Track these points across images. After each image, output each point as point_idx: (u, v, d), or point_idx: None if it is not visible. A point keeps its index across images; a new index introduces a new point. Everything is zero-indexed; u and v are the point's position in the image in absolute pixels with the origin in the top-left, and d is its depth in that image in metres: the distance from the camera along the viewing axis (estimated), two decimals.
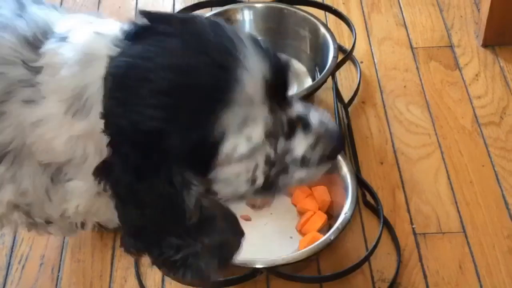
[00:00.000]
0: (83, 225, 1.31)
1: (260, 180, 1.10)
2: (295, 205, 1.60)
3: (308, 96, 1.75)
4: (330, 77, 1.77)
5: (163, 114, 1.00)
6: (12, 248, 1.59)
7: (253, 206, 1.60)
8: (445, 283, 1.49)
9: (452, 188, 1.65)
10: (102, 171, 1.06)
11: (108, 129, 1.03)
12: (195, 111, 1.01)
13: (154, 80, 1.00)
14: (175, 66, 1.01)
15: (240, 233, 1.18)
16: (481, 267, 1.51)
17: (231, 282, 1.45)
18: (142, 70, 1.01)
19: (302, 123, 1.11)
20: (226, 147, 1.04)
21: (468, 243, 1.55)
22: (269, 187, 1.13)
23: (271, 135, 1.07)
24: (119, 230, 1.58)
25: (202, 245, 1.10)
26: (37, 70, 1.06)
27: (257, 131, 1.05)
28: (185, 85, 1.01)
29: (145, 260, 1.53)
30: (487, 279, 1.49)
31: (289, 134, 1.11)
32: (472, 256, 1.53)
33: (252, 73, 1.03)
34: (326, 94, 1.83)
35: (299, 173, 1.14)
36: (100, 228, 1.59)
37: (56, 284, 1.53)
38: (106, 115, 1.03)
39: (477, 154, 1.71)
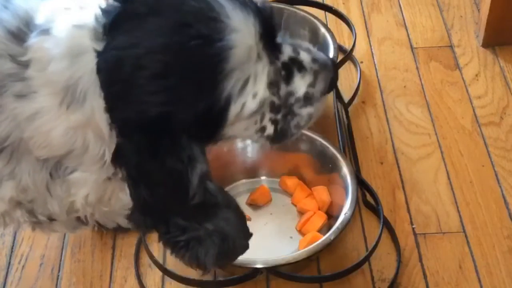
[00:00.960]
0: (87, 220, 1.32)
1: (269, 129, 1.12)
2: (295, 205, 1.60)
3: None
4: None
5: (165, 98, 1.01)
6: (12, 248, 1.59)
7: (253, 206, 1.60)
8: (445, 283, 1.49)
9: (452, 188, 1.65)
10: (115, 156, 1.07)
11: (114, 122, 1.04)
12: (195, 87, 1.01)
13: (147, 66, 1.00)
14: (163, 46, 1.01)
15: (246, 234, 1.19)
16: (481, 267, 1.51)
17: (231, 282, 1.45)
18: (133, 58, 1.00)
19: (296, 65, 1.12)
20: (234, 110, 1.05)
21: (468, 243, 1.55)
22: (281, 134, 1.14)
23: (273, 85, 1.09)
24: (119, 230, 1.59)
25: (205, 231, 1.12)
26: (25, 64, 1.06)
27: (261, 86, 1.06)
28: (179, 63, 1.00)
29: (145, 260, 1.53)
30: (487, 279, 1.49)
31: (288, 78, 1.12)
32: (472, 256, 1.53)
33: (242, 33, 1.02)
34: None
35: (305, 111, 1.14)
36: (100, 228, 1.59)
37: (56, 284, 1.53)
38: (109, 109, 1.03)
39: (477, 154, 1.71)
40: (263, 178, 1.65)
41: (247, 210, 1.59)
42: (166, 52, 1.00)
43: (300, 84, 1.12)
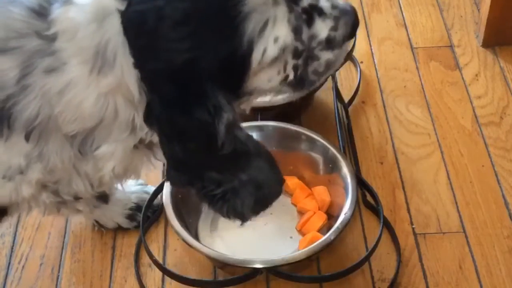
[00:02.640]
0: (107, 198, 1.40)
1: (291, 76, 1.14)
2: (295, 205, 1.60)
3: (308, 96, 1.75)
4: (330, 77, 1.77)
5: (188, 44, 1.03)
6: (12, 248, 1.59)
7: None
8: (445, 283, 1.49)
9: (452, 188, 1.65)
10: (147, 114, 1.09)
11: (144, 77, 1.06)
12: (216, 30, 1.04)
13: (169, 16, 1.03)
14: None
15: (279, 179, 1.21)
16: (481, 267, 1.51)
17: (231, 282, 1.45)
18: (154, 10, 1.03)
19: (316, 11, 1.13)
20: (256, 55, 1.06)
21: (468, 243, 1.55)
22: (300, 81, 1.16)
23: (295, 30, 1.10)
24: (119, 229, 1.59)
25: (239, 182, 1.15)
26: (52, 38, 1.07)
27: (282, 30, 1.08)
28: (197, 8, 1.03)
29: (145, 260, 1.53)
30: (487, 279, 1.49)
31: (309, 21, 1.13)
32: (472, 256, 1.53)
33: None
34: (326, 94, 1.83)
35: (326, 55, 1.16)
36: (100, 227, 1.59)
37: (56, 284, 1.53)
38: (138, 65, 1.06)
39: (477, 154, 1.71)
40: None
41: None
42: None
43: (322, 27, 1.14)
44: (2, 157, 1.15)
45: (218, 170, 1.14)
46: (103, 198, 1.49)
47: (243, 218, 1.21)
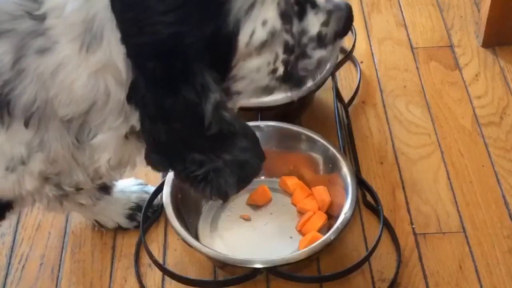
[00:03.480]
0: (109, 189, 1.40)
1: (280, 70, 1.13)
2: (295, 205, 1.60)
3: (308, 96, 1.75)
4: (330, 77, 1.77)
5: (174, 17, 1.02)
6: (12, 248, 1.59)
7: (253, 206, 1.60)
8: (445, 283, 1.49)
9: (452, 188, 1.65)
10: (131, 93, 1.08)
11: (130, 51, 1.05)
12: (202, 6, 1.03)
13: None
14: None
15: (261, 156, 1.20)
16: (481, 267, 1.51)
17: (231, 282, 1.45)
18: None
19: (309, 3, 1.13)
20: (243, 37, 1.05)
21: (468, 243, 1.55)
22: (290, 76, 1.15)
23: (284, 16, 1.08)
24: (119, 229, 1.59)
25: (223, 162, 1.13)
26: (42, 17, 1.06)
27: (270, 13, 1.06)
28: None
29: (145, 260, 1.53)
30: (487, 279, 1.49)
31: (301, 14, 1.12)
32: (472, 256, 1.53)
33: None
34: (326, 94, 1.83)
35: (317, 53, 1.15)
36: (100, 227, 1.59)
37: (56, 284, 1.53)
38: (124, 38, 1.04)
39: (477, 154, 1.71)
40: (263, 178, 1.65)
41: (247, 210, 1.59)
42: None
43: (314, 21, 1.13)
44: (5, 147, 1.15)
45: (201, 151, 1.13)
46: (105, 189, 1.49)
47: (226, 198, 1.20)
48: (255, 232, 1.56)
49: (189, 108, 1.06)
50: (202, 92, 1.06)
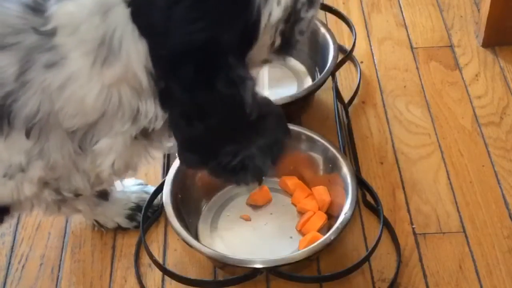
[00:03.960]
0: (107, 196, 1.40)
1: (278, 41, 1.14)
2: (295, 205, 1.60)
3: (308, 96, 1.75)
4: (330, 77, 1.77)
5: (206, 23, 1.03)
6: (12, 248, 1.59)
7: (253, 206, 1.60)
8: (445, 283, 1.49)
9: (452, 188, 1.65)
10: (163, 99, 1.09)
11: (158, 63, 1.05)
12: (231, 2, 1.04)
13: None
14: None
15: (287, 130, 1.23)
16: (481, 267, 1.51)
17: (231, 282, 1.45)
18: None
19: None
20: (264, 19, 1.08)
21: (468, 243, 1.55)
22: (285, 44, 1.16)
23: None
24: (119, 229, 1.59)
25: (256, 146, 1.16)
26: (50, 33, 1.06)
27: None
28: None
29: (145, 260, 1.54)
30: (487, 279, 1.49)
31: None
32: (472, 256, 1.53)
33: None
34: (326, 94, 1.83)
35: (309, 13, 1.16)
36: (100, 227, 1.59)
37: (56, 284, 1.53)
38: (152, 49, 1.05)
39: (477, 154, 1.71)
40: (263, 178, 1.65)
41: (247, 210, 1.59)
42: None
43: None
44: (3, 155, 1.15)
45: (235, 141, 1.15)
46: (103, 196, 1.49)
47: (262, 180, 1.25)
48: (255, 232, 1.56)
49: (228, 100, 1.08)
50: (240, 83, 1.07)
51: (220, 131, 1.12)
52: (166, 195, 1.50)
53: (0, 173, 1.17)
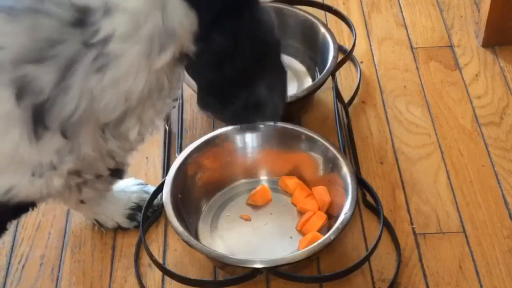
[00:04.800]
0: (122, 173, 1.41)
1: None
2: (295, 205, 1.60)
3: (308, 96, 1.75)
4: (330, 77, 1.77)
5: None
6: (12, 248, 1.59)
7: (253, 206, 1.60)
8: (445, 283, 1.49)
9: (452, 188, 1.65)
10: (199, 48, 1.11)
11: (203, 24, 1.09)
12: None
13: None
14: None
15: (284, 67, 1.27)
16: (481, 267, 1.51)
17: (231, 282, 1.45)
18: None
19: None
20: None
21: (468, 243, 1.56)
22: None
23: None
24: (119, 229, 1.59)
25: (266, 84, 1.20)
26: (102, 43, 1.04)
27: None
28: None
29: (145, 260, 1.54)
30: (487, 279, 1.49)
31: None
32: (472, 256, 1.53)
33: None
34: (326, 94, 1.83)
35: None
36: (100, 227, 1.59)
37: (56, 284, 1.53)
38: (201, 18, 1.08)
39: (477, 154, 1.71)
40: (263, 178, 1.65)
41: (247, 210, 1.59)
42: None
43: None
44: (33, 157, 1.13)
45: (250, 82, 1.18)
46: (118, 173, 1.44)
47: (279, 115, 1.28)
48: (255, 232, 1.56)
49: (251, 36, 1.13)
50: (259, 17, 1.13)
51: (244, 71, 1.15)
52: (166, 195, 1.50)
53: (28, 173, 1.16)
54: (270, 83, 1.21)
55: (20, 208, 1.28)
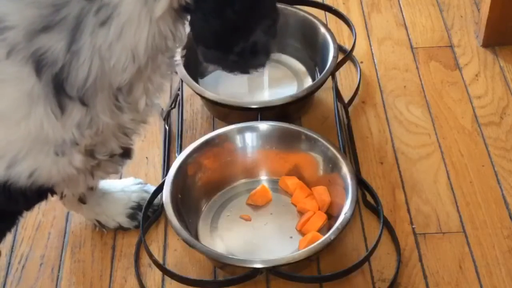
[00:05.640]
0: (130, 154, 1.40)
1: None
2: (295, 205, 1.60)
3: (308, 96, 1.75)
4: (330, 77, 1.77)
5: None
6: (12, 248, 1.59)
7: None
8: (445, 283, 1.49)
9: (452, 188, 1.65)
10: (193, 3, 1.11)
11: None
12: None
13: None
14: None
15: (278, 11, 1.28)
16: (481, 267, 1.51)
17: (231, 282, 1.45)
18: None
19: None
20: None
21: (468, 243, 1.56)
22: None
23: None
24: (119, 229, 1.59)
25: (261, 28, 1.20)
26: None
27: None
28: None
29: (145, 260, 1.54)
30: (487, 279, 1.49)
31: None
32: (472, 256, 1.53)
33: None
34: (326, 94, 1.83)
35: None
36: (101, 227, 1.59)
37: (56, 284, 1.53)
38: None
39: (477, 154, 1.71)
40: (263, 178, 1.65)
41: (247, 210, 1.59)
42: None
43: None
44: (57, 134, 1.13)
45: (249, 25, 1.18)
46: (127, 154, 1.42)
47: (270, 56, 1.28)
48: (255, 232, 1.56)
49: None
50: None
51: (243, 14, 1.15)
52: (166, 195, 1.50)
53: (51, 152, 1.15)
54: (266, 26, 1.22)
55: (40, 194, 1.26)
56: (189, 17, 1.15)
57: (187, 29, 1.18)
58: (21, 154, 1.14)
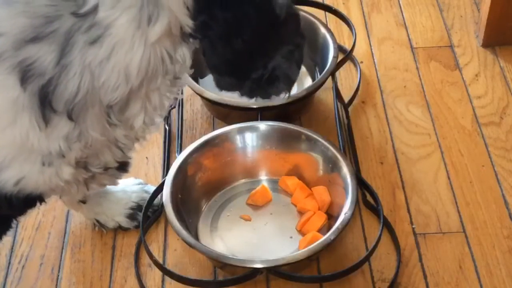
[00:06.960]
0: (127, 166, 1.38)
1: None
2: (295, 205, 1.60)
3: (308, 96, 1.75)
4: (330, 77, 1.77)
5: None
6: (12, 248, 1.59)
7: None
8: (445, 283, 1.49)
9: (452, 188, 1.65)
10: (201, 29, 1.10)
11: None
12: None
13: None
14: None
15: (303, 35, 1.26)
16: (481, 267, 1.51)
17: (231, 282, 1.45)
18: None
19: None
20: None
21: (468, 243, 1.56)
22: None
23: None
24: (119, 229, 1.59)
25: (282, 55, 1.19)
26: (91, 12, 1.04)
27: None
28: None
29: (145, 260, 1.54)
30: (487, 279, 1.49)
31: None
32: (472, 256, 1.53)
33: None
34: (326, 94, 1.84)
35: None
36: (101, 227, 1.59)
37: (56, 284, 1.53)
38: None
39: (477, 154, 1.71)
40: (263, 178, 1.65)
41: (247, 210, 1.59)
42: None
43: None
44: (42, 145, 1.12)
45: (265, 54, 1.17)
46: (124, 167, 1.43)
47: (292, 85, 1.26)
48: (255, 232, 1.56)
49: (259, 6, 1.11)
50: None
51: (254, 42, 1.13)
52: (166, 195, 1.50)
53: (38, 162, 1.15)
54: (287, 52, 1.20)
55: (28, 201, 1.26)
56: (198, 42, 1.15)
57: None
58: (6, 160, 1.14)
